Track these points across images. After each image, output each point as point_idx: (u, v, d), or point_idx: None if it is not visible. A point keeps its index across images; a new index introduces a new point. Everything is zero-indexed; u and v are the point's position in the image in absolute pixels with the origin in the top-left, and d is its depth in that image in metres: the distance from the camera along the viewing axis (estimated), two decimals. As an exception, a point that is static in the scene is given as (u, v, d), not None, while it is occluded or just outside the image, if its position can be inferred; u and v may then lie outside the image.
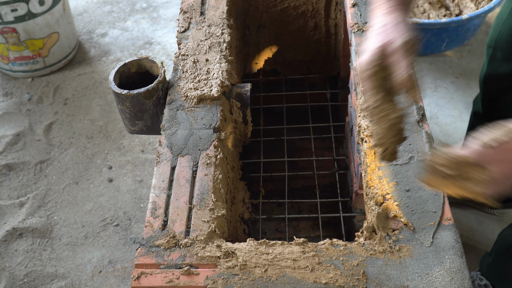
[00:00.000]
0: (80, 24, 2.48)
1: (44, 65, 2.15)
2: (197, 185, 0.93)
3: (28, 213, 1.64)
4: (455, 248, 0.80)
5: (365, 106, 0.78)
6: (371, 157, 0.94)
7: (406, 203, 0.86)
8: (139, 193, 1.69)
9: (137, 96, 1.07)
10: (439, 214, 0.84)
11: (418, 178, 0.87)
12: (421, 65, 2.10)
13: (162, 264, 0.81)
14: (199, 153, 0.99)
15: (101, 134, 1.91)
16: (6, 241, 1.57)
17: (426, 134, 0.97)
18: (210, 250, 0.82)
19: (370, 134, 0.98)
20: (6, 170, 1.79)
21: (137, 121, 1.14)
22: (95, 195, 1.70)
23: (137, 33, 2.41)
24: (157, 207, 0.90)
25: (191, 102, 1.09)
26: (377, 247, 0.81)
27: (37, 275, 1.49)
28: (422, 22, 1.92)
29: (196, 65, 1.17)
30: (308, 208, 1.37)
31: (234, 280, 0.78)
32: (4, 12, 1.91)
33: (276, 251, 0.82)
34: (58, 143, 1.88)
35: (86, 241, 1.56)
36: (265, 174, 1.31)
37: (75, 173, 1.77)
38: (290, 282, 0.77)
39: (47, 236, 1.59)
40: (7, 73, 2.17)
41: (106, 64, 2.24)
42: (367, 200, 0.94)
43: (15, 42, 2.03)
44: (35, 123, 1.97)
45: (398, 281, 0.76)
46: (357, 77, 0.80)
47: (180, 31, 1.26)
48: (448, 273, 0.77)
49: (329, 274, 0.78)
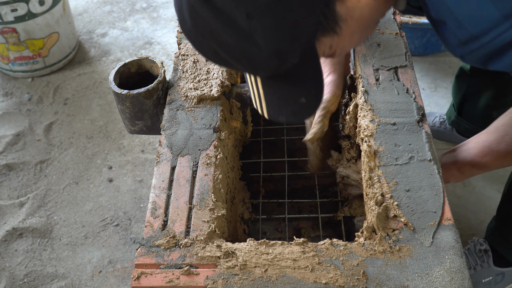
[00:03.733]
0: (80, 24, 2.48)
1: (44, 65, 2.15)
2: (197, 185, 0.93)
3: (28, 213, 1.64)
4: (455, 248, 0.80)
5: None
6: (371, 157, 0.94)
7: (406, 203, 0.86)
8: (139, 193, 1.69)
9: (137, 96, 1.07)
10: (439, 214, 0.84)
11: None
12: (421, 65, 2.10)
13: (162, 264, 0.81)
14: (199, 153, 0.99)
15: (101, 134, 1.91)
16: (6, 241, 1.57)
17: (426, 134, 0.97)
18: (210, 250, 0.82)
19: (370, 134, 0.98)
20: (6, 170, 1.79)
21: (137, 121, 1.14)
22: (95, 195, 1.70)
23: (137, 33, 2.41)
24: (157, 207, 0.90)
25: (191, 102, 1.09)
26: (377, 247, 0.81)
27: (37, 275, 1.49)
28: (422, 22, 1.92)
29: (196, 65, 1.17)
30: (308, 208, 1.37)
31: (234, 280, 0.78)
32: (4, 12, 1.91)
33: (276, 251, 0.82)
34: (58, 143, 1.88)
35: (86, 241, 1.56)
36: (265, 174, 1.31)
37: (75, 173, 1.77)
38: (290, 282, 0.78)
39: (47, 236, 1.59)
40: (7, 73, 2.17)
41: (106, 64, 2.24)
42: (367, 200, 0.94)
43: (15, 42, 2.03)
44: (35, 123, 1.97)
45: (398, 281, 0.76)
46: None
47: (180, 31, 1.26)
48: (448, 273, 0.77)
49: (329, 274, 0.78)
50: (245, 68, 0.69)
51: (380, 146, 0.95)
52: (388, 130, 0.98)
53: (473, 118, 1.58)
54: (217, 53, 0.66)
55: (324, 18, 0.65)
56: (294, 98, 0.73)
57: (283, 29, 0.62)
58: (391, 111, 1.02)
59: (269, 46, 0.63)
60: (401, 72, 1.10)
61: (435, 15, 0.70)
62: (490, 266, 1.32)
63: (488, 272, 1.33)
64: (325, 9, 0.64)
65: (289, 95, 0.73)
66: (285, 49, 0.64)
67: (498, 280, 1.33)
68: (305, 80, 0.72)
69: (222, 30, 0.62)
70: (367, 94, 1.05)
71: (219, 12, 0.60)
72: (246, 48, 0.63)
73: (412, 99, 1.04)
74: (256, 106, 0.79)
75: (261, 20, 0.60)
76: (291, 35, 0.63)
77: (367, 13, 0.68)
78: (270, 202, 1.32)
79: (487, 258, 1.33)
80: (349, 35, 0.69)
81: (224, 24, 0.61)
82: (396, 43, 1.16)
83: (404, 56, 1.13)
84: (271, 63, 0.66)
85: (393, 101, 1.04)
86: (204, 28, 0.64)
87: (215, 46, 0.65)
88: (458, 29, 0.66)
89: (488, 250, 1.33)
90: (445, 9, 0.65)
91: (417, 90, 1.06)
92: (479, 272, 1.33)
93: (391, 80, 1.08)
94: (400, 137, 0.97)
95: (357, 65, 1.13)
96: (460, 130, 1.65)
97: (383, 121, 1.00)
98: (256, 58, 0.65)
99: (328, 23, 0.66)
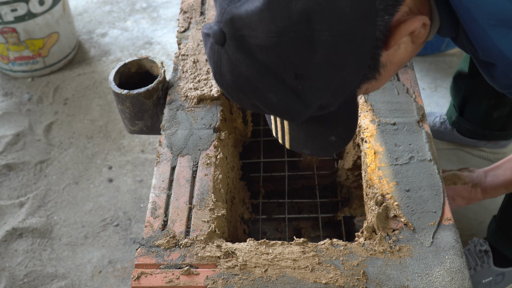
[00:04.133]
0: (80, 24, 2.48)
1: (44, 65, 2.15)
2: (197, 185, 0.93)
3: (28, 213, 1.64)
4: (455, 248, 0.80)
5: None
6: (371, 157, 0.94)
7: (406, 203, 0.86)
8: (139, 193, 1.69)
9: (137, 96, 1.07)
10: (439, 214, 0.84)
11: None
12: (421, 65, 2.10)
13: (162, 264, 0.81)
14: (199, 153, 0.99)
15: (101, 134, 1.91)
16: (6, 241, 1.57)
17: (426, 134, 0.97)
18: (210, 250, 0.82)
19: (370, 134, 0.98)
20: (6, 170, 1.79)
21: (137, 121, 1.14)
22: (95, 195, 1.70)
23: (137, 33, 2.41)
24: (157, 207, 0.90)
25: (191, 102, 1.09)
26: (377, 247, 0.81)
27: (37, 275, 1.49)
28: (422, 22, 1.92)
29: (196, 65, 1.17)
30: (308, 208, 1.37)
31: (234, 280, 0.78)
32: (4, 12, 1.91)
33: (276, 251, 0.82)
34: (58, 143, 1.88)
35: (86, 241, 1.56)
36: (265, 174, 1.31)
37: (75, 173, 1.77)
38: (290, 282, 0.77)
39: (47, 236, 1.59)
40: (7, 73, 2.17)
41: (106, 64, 2.24)
42: (367, 200, 0.94)
43: (15, 42, 2.02)
44: (35, 123, 1.97)
45: (398, 281, 0.76)
46: None
47: (180, 31, 1.26)
48: (448, 273, 0.77)
49: (329, 274, 0.78)
50: (287, 118, 0.68)
51: (380, 146, 0.95)
52: (388, 130, 0.98)
53: (474, 118, 1.58)
54: (256, 107, 0.64)
55: (369, 70, 0.64)
56: (325, 137, 0.72)
57: (331, 87, 0.61)
58: (391, 111, 1.02)
59: (315, 103, 0.62)
60: (401, 72, 1.10)
61: (484, 57, 0.69)
62: (490, 267, 1.32)
63: (488, 272, 1.33)
64: (371, 61, 0.63)
65: (320, 135, 0.72)
66: (329, 102, 0.64)
67: (498, 280, 1.33)
68: (340, 123, 0.71)
69: (267, 90, 0.60)
70: (367, 94, 1.05)
71: (266, 71, 0.58)
72: (291, 106, 0.62)
73: (412, 99, 1.04)
74: (276, 135, 0.77)
75: (310, 81, 0.59)
76: (338, 91, 0.62)
77: (405, 56, 0.69)
78: (270, 202, 1.33)
79: (487, 259, 1.33)
80: (385, 78, 0.70)
81: (269, 83, 0.59)
82: (396, 43, 1.16)
83: (404, 56, 1.13)
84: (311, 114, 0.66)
85: (393, 101, 1.04)
86: (246, 86, 0.61)
87: (256, 102, 0.63)
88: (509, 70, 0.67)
89: (488, 251, 1.33)
90: (497, 52, 0.65)
91: (417, 90, 1.06)
92: (479, 273, 1.33)
93: (391, 80, 1.08)
94: (400, 137, 0.97)
95: (357, 65, 1.13)
96: (461, 130, 1.65)
97: (383, 121, 1.00)
98: (300, 115, 0.64)
99: (371, 73, 0.65)
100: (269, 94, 0.60)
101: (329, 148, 0.74)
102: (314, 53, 0.56)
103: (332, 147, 0.74)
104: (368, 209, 0.93)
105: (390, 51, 0.65)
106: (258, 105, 0.63)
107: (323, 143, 0.73)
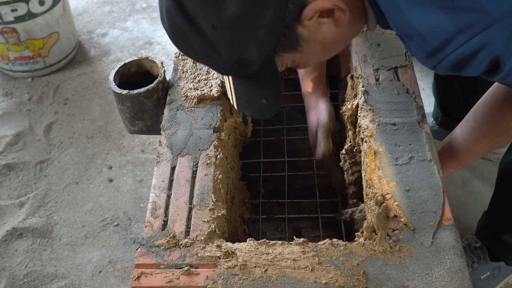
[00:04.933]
0: (80, 24, 2.48)
1: (44, 65, 2.15)
2: (197, 185, 0.93)
3: (28, 213, 1.64)
4: (455, 248, 0.80)
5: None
6: (371, 157, 0.94)
7: (406, 203, 0.86)
8: (139, 193, 1.69)
9: (137, 96, 1.07)
10: (439, 214, 0.84)
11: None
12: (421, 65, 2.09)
13: (162, 264, 0.81)
14: (199, 153, 0.99)
15: (101, 134, 1.91)
16: (6, 241, 1.57)
17: (426, 134, 0.97)
18: (210, 250, 0.82)
19: (370, 134, 0.98)
20: (6, 170, 1.79)
21: (137, 121, 1.14)
22: (95, 195, 1.70)
23: (137, 33, 2.41)
24: (157, 207, 0.90)
25: (191, 102, 1.09)
26: (377, 247, 0.81)
27: (37, 275, 1.49)
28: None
29: (196, 65, 1.17)
30: (308, 208, 1.37)
31: (234, 280, 0.78)
32: (4, 12, 1.91)
33: (276, 251, 0.82)
34: (58, 143, 1.89)
35: (86, 241, 1.56)
36: (265, 174, 1.31)
37: (75, 173, 1.77)
38: (290, 282, 0.78)
39: (47, 236, 1.59)
40: (7, 73, 2.17)
41: (106, 64, 2.24)
42: (367, 200, 0.94)
43: (15, 42, 2.03)
44: (35, 123, 1.97)
45: (398, 281, 0.76)
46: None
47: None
48: (448, 273, 0.77)
49: (329, 274, 0.78)
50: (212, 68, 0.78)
51: (380, 146, 0.95)
52: (388, 130, 0.98)
53: (456, 113, 1.57)
54: (188, 52, 0.75)
55: (285, 38, 0.72)
56: (257, 98, 0.82)
57: (243, 44, 0.70)
58: (391, 111, 1.02)
59: (230, 56, 0.71)
60: (401, 72, 1.10)
61: (400, 32, 0.75)
62: (487, 262, 1.33)
63: (486, 268, 1.33)
64: (285, 30, 0.71)
65: (253, 95, 0.82)
66: (245, 60, 0.72)
67: (495, 274, 1.34)
68: (266, 86, 0.80)
69: (190, 35, 0.70)
70: (367, 94, 1.05)
71: (190, 19, 0.68)
72: (209, 54, 0.72)
73: (412, 99, 1.04)
74: (229, 96, 0.87)
75: (224, 33, 0.68)
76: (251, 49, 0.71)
77: (329, 37, 0.75)
78: (270, 202, 1.33)
79: (483, 255, 1.33)
80: (311, 53, 0.77)
81: (193, 30, 0.69)
82: (396, 43, 1.16)
83: (404, 56, 1.13)
84: (233, 69, 0.75)
85: (393, 101, 1.04)
86: (177, 30, 0.72)
87: (186, 47, 0.73)
88: (423, 42, 0.72)
89: (483, 247, 1.34)
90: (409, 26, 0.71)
91: (417, 90, 1.06)
92: (476, 270, 1.34)
93: (391, 80, 1.08)
94: (400, 137, 0.97)
95: (357, 65, 1.13)
96: (450, 129, 1.64)
97: (383, 121, 1.00)
98: (218, 63, 0.74)
99: (289, 42, 0.73)
100: (192, 40, 0.71)
101: (263, 111, 0.83)
102: (226, 9, 0.66)
103: (265, 110, 0.83)
104: (368, 209, 0.93)
105: (310, 27, 0.72)
106: (188, 51, 0.74)
107: (258, 105, 0.83)
